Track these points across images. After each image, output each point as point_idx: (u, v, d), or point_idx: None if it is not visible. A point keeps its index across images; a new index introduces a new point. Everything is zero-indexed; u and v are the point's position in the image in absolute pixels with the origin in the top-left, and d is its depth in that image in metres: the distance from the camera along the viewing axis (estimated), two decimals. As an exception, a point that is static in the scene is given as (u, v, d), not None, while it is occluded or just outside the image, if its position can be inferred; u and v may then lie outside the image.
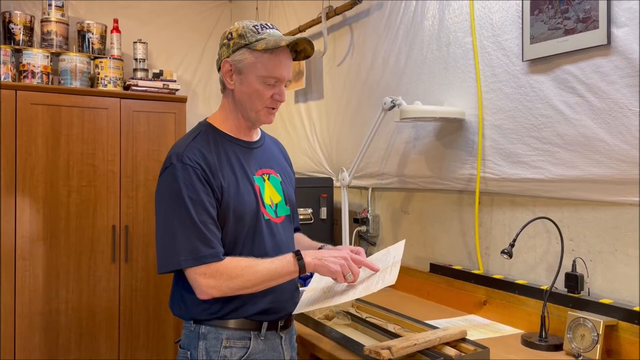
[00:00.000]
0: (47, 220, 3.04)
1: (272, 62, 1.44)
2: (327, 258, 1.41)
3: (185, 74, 4.00)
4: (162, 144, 3.32)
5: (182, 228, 1.36)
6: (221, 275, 1.36)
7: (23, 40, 3.25)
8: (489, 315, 1.96)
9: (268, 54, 1.43)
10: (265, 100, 1.47)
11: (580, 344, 1.56)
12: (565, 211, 1.79)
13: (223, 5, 4.16)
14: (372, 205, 2.72)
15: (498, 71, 1.97)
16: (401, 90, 2.42)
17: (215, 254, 1.37)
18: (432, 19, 2.28)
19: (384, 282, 1.41)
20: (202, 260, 1.36)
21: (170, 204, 1.39)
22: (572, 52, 1.70)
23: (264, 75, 1.44)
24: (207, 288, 1.36)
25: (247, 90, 1.47)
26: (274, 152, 1.66)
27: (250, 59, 1.44)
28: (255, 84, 1.45)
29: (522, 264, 1.94)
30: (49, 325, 3.05)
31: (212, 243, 1.37)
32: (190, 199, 1.37)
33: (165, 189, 1.42)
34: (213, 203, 1.40)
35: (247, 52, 1.44)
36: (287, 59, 1.48)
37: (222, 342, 1.43)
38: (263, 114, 1.50)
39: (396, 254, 1.52)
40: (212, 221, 1.39)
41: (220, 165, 1.44)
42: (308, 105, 3.27)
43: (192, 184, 1.38)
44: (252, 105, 1.48)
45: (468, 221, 2.16)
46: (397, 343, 1.47)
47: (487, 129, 2.02)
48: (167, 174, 1.42)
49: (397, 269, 1.44)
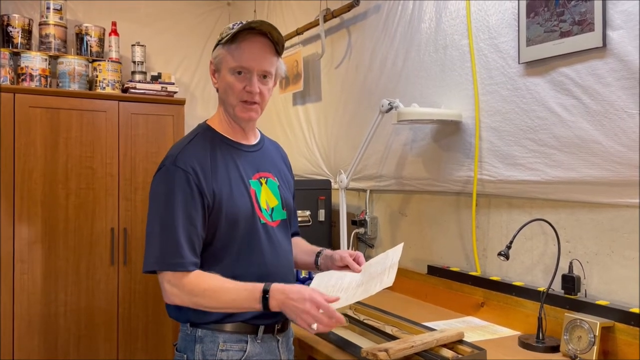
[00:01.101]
0: (46, 223, 3.04)
1: (237, 51, 1.43)
2: (292, 307, 1.31)
3: (183, 77, 4.01)
4: (160, 146, 3.33)
5: (159, 232, 1.38)
6: (183, 288, 1.36)
7: (21, 43, 3.26)
8: (487, 317, 1.97)
9: (235, 45, 1.44)
10: (237, 92, 1.45)
11: (577, 346, 1.57)
12: (561, 213, 1.80)
13: (221, 8, 4.17)
14: (370, 207, 2.73)
15: (494, 73, 1.98)
16: (398, 93, 2.43)
17: (182, 264, 1.35)
18: (429, 22, 2.29)
19: (381, 284, 1.41)
20: (168, 267, 1.36)
21: (155, 206, 1.41)
22: (567, 54, 1.71)
23: (232, 67, 1.44)
24: (171, 295, 1.37)
25: (223, 86, 1.48)
26: (273, 156, 1.65)
27: (222, 54, 1.46)
28: (227, 77, 1.46)
29: (519, 265, 1.95)
30: (47, 328, 3.05)
31: (183, 252, 1.36)
32: (175, 204, 1.37)
33: (153, 190, 1.44)
34: (199, 208, 1.39)
35: (220, 48, 1.47)
36: (257, 49, 1.44)
37: (218, 346, 1.43)
38: (239, 109, 1.47)
39: (394, 257, 1.53)
40: (192, 228, 1.38)
41: (215, 168, 1.44)
42: (306, 107, 3.28)
43: (180, 188, 1.38)
44: (228, 100, 1.48)
45: (465, 223, 2.17)
46: (395, 345, 1.48)
47: (483, 131, 2.03)
48: (157, 176, 1.44)
49: (395, 271, 1.45)
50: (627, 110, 1.56)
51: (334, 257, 1.61)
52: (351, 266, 1.56)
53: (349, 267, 1.57)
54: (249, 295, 1.35)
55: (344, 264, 1.58)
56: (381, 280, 1.43)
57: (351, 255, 1.59)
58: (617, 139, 1.59)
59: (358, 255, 1.59)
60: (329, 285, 1.52)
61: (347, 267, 1.58)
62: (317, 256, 1.67)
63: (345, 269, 1.58)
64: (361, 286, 1.46)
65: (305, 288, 1.34)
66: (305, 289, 1.33)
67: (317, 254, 1.67)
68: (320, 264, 1.65)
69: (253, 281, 1.41)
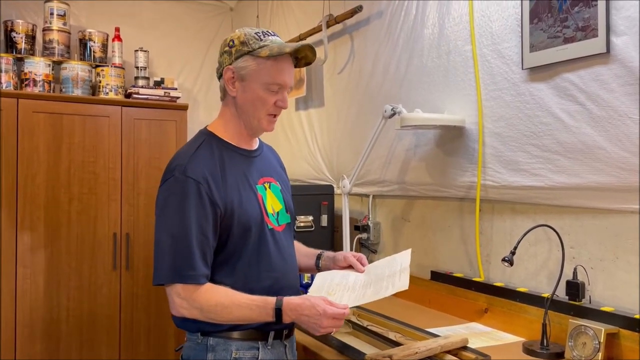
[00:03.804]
0: (48, 228, 3.05)
1: (275, 68, 1.44)
2: (307, 322, 1.34)
3: (186, 82, 4.01)
4: (163, 151, 3.33)
5: (170, 243, 1.36)
6: (194, 302, 1.35)
7: (25, 48, 3.27)
8: (490, 323, 1.96)
9: (271, 61, 1.43)
10: (269, 107, 1.47)
11: (581, 352, 1.56)
12: (566, 219, 1.79)
13: (224, 14, 4.18)
14: (373, 212, 2.72)
15: (498, 79, 1.98)
16: (401, 98, 2.43)
17: (194, 276, 1.34)
18: (432, 28, 2.29)
19: (394, 287, 1.41)
20: (180, 279, 1.35)
21: (166, 217, 1.39)
22: (571, 60, 1.71)
23: (267, 82, 1.44)
24: (180, 308, 1.36)
25: (250, 98, 1.46)
26: (271, 160, 1.66)
27: (253, 66, 1.44)
28: (259, 91, 1.45)
29: (523, 271, 1.94)
30: (49, 333, 3.04)
31: (196, 264, 1.35)
32: (187, 215, 1.36)
33: (163, 200, 1.41)
34: (210, 219, 1.38)
35: (251, 59, 1.44)
36: (290, 66, 1.48)
37: (231, 354, 1.42)
38: (265, 121, 1.49)
39: (403, 261, 1.52)
40: (204, 239, 1.37)
41: (224, 176, 1.43)
42: (309, 112, 3.28)
43: (192, 198, 1.37)
44: (255, 113, 1.48)
45: (469, 229, 2.17)
46: (399, 351, 1.47)
47: (487, 137, 2.03)
48: (167, 186, 1.41)
49: (407, 275, 1.44)
50: (631, 116, 1.56)
51: (337, 257, 1.62)
52: (355, 266, 1.56)
53: (351, 268, 1.57)
54: (261, 311, 1.35)
55: (348, 264, 1.58)
56: (393, 283, 1.42)
57: (354, 256, 1.60)
58: (621, 144, 1.59)
59: (361, 256, 1.60)
60: (333, 284, 1.51)
61: (350, 267, 1.58)
62: (317, 258, 1.67)
63: (347, 269, 1.58)
64: (369, 287, 1.46)
65: (316, 301, 1.34)
66: (317, 303, 1.33)
67: (317, 257, 1.67)
68: (322, 266, 1.66)
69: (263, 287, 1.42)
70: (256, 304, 1.35)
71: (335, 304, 1.34)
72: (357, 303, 1.42)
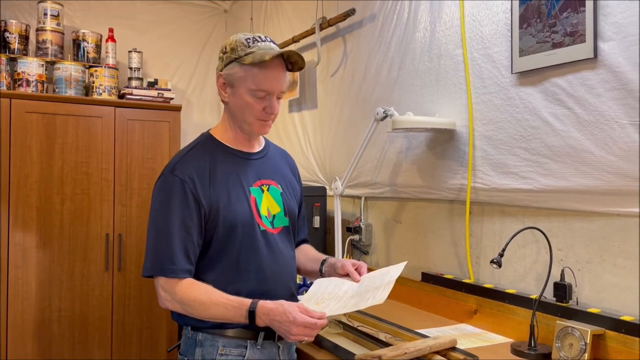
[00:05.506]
0: (41, 228, 3.04)
1: (260, 75, 1.45)
2: (278, 327, 1.35)
3: (179, 83, 4.02)
4: (156, 152, 3.34)
5: (154, 237, 1.43)
6: (175, 295, 1.41)
7: (18, 48, 3.26)
8: (480, 324, 1.98)
9: (257, 68, 1.45)
10: (257, 112, 1.49)
11: (568, 353, 1.58)
12: (554, 221, 1.82)
13: (218, 16, 4.19)
14: (364, 214, 2.74)
15: (488, 83, 2.00)
16: (393, 101, 2.45)
17: (173, 270, 1.40)
18: (424, 32, 2.32)
19: (374, 299, 1.41)
20: (161, 272, 1.41)
21: (153, 213, 1.46)
22: (559, 65, 1.73)
23: (253, 88, 1.46)
24: (165, 300, 1.43)
25: (239, 103, 1.49)
26: (278, 163, 1.67)
27: (239, 73, 1.46)
28: (246, 97, 1.47)
29: (512, 273, 1.96)
30: (41, 333, 3.04)
31: (176, 259, 1.40)
32: (170, 211, 1.42)
33: (153, 197, 1.48)
34: (194, 216, 1.43)
35: (237, 66, 1.46)
36: (278, 72, 1.48)
37: (218, 350, 1.46)
38: (257, 125, 1.52)
39: (393, 275, 1.51)
40: (187, 235, 1.42)
41: (213, 176, 1.47)
42: (302, 114, 3.30)
43: (176, 195, 1.43)
44: (245, 118, 1.51)
45: (459, 231, 2.19)
46: (388, 352, 1.49)
47: (477, 140, 2.05)
48: (157, 184, 1.49)
49: (389, 289, 1.44)
50: (618, 121, 1.58)
51: (336, 265, 1.61)
52: (351, 275, 1.55)
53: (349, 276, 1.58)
54: (236, 312, 1.38)
55: (345, 272, 1.57)
56: (374, 295, 1.43)
57: (354, 264, 1.58)
58: (608, 148, 1.61)
59: (361, 265, 1.58)
60: (325, 292, 1.51)
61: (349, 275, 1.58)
62: (321, 264, 1.67)
63: (346, 277, 1.58)
64: (355, 297, 1.46)
65: (289, 308, 1.33)
66: (289, 310, 1.32)
67: (322, 262, 1.67)
68: (325, 272, 1.65)
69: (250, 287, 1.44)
70: (232, 304, 1.38)
71: (311, 312, 1.33)
72: (337, 313, 1.41)
